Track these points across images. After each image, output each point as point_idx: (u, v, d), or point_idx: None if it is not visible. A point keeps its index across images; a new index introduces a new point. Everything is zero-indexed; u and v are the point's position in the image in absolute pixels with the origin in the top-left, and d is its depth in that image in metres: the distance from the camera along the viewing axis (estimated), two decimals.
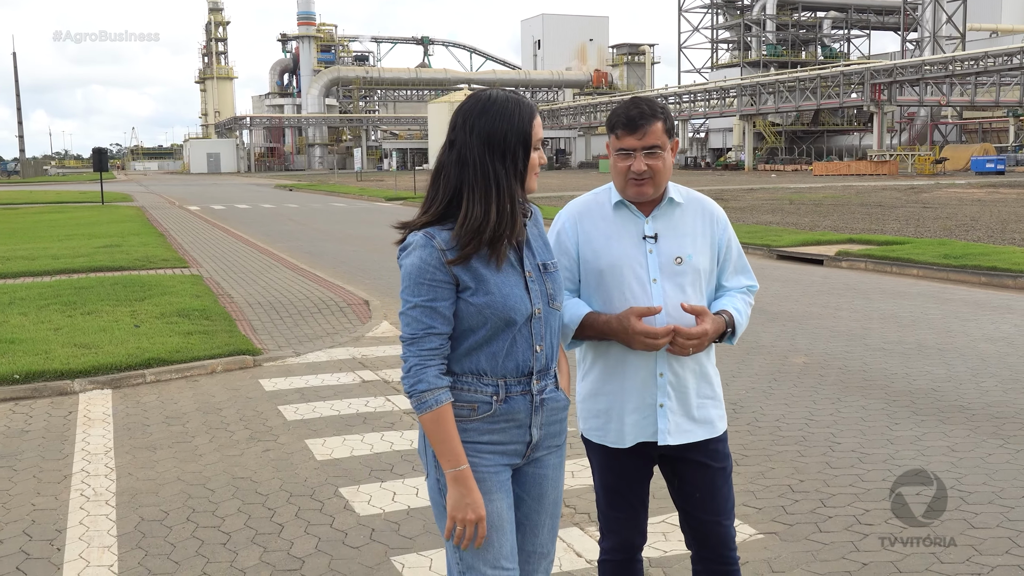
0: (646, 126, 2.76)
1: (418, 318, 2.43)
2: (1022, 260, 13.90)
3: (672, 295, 2.81)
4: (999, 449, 5.75)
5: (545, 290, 2.54)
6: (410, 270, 2.43)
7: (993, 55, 63.52)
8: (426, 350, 2.42)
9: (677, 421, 2.84)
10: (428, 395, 2.41)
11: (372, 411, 6.96)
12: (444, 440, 2.42)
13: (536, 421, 2.55)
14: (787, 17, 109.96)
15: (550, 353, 2.57)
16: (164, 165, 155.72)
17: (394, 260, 2.26)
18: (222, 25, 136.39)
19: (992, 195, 34.15)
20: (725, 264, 2.96)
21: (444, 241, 2.42)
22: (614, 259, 2.83)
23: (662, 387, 2.83)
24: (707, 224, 2.90)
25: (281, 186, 61.22)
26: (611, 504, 2.97)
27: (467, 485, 2.42)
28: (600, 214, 2.89)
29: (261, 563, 4.36)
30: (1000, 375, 7.69)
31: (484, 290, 2.43)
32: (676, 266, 2.83)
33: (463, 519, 2.43)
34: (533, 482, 2.62)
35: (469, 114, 2.47)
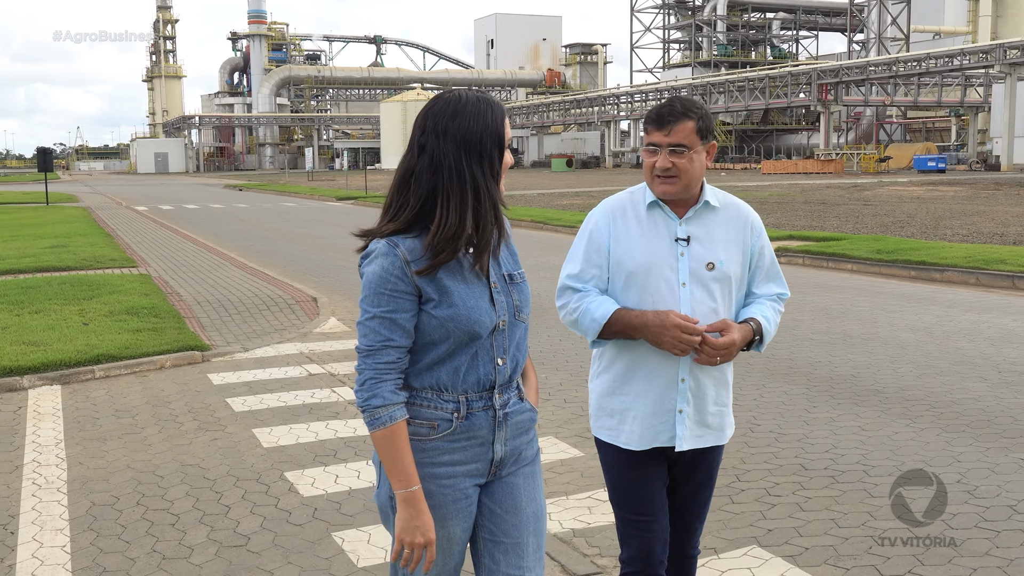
0: (674, 123, 2.73)
1: (376, 329, 2.32)
2: (949, 255, 14.49)
3: (701, 300, 2.77)
4: (905, 428, 6.17)
5: (511, 302, 2.44)
6: (371, 279, 2.33)
7: (935, 56, 65.05)
8: (383, 363, 2.32)
9: (692, 427, 2.82)
10: (382, 411, 2.30)
11: (318, 402, 7.21)
12: (396, 460, 2.31)
13: (500, 437, 2.44)
14: (737, 18, 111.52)
15: (514, 366, 2.47)
16: (110, 165, 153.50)
17: (343, 257, 2.45)
18: (170, 23, 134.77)
19: (931, 192, 35.11)
20: (757, 271, 2.91)
21: (408, 250, 2.31)
22: (645, 260, 2.78)
23: (682, 393, 2.79)
24: (741, 230, 2.86)
25: (231, 186, 60.83)
26: (623, 504, 2.89)
27: (417, 507, 2.32)
28: (634, 213, 2.84)
29: (208, 540, 4.61)
30: (916, 361, 8.14)
31: (448, 302, 2.32)
32: (707, 271, 2.78)
33: (411, 543, 2.32)
34: (505, 493, 2.50)
35: (440, 116, 2.35)
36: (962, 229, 19.76)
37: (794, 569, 4.11)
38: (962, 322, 10.00)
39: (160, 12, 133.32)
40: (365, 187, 44.60)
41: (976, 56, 62.09)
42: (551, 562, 4.25)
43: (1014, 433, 6.01)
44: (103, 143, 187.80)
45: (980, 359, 8.19)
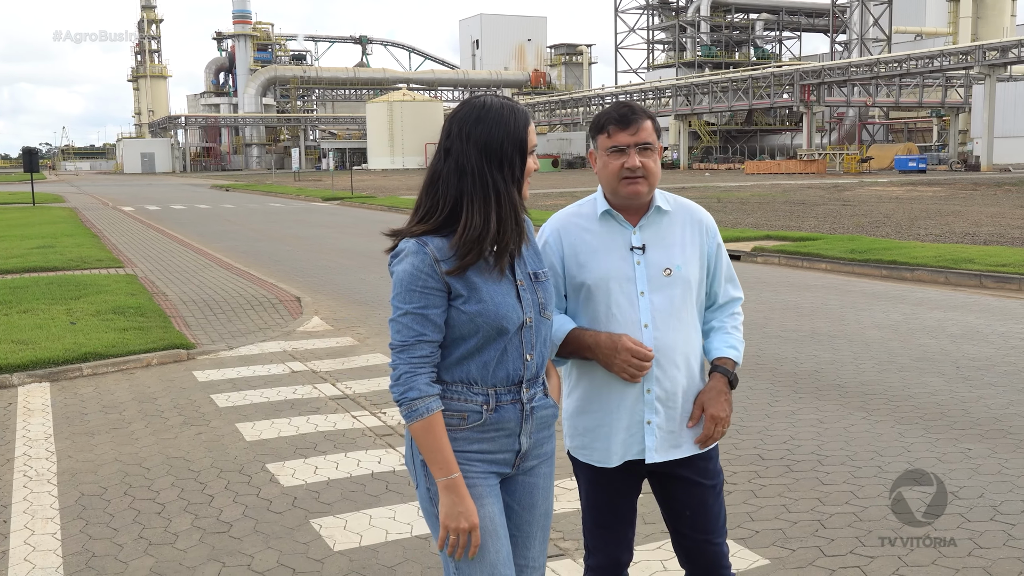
0: (639, 122, 2.73)
1: (409, 325, 2.40)
2: (920, 254, 14.83)
3: (661, 308, 2.75)
4: (861, 421, 6.46)
5: (536, 299, 2.52)
6: (402, 276, 2.40)
7: (915, 57, 65.64)
8: (416, 357, 2.40)
9: (664, 438, 2.78)
10: (419, 403, 2.38)
11: (300, 398, 7.45)
12: (435, 449, 2.40)
13: (526, 430, 2.53)
14: (721, 19, 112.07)
15: (540, 361, 2.55)
16: (96, 165, 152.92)
17: (328, 258, 2.61)
18: (155, 23, 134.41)
19: (910, 193, 35.55)
20: (715, 273, 2.89)
21: (437, 248, 2.39)
22: (601, 272, 2.75)
23: (649, 403, 2.76)
24: (696, 233, 2.84)
25: (217, 186, 60.88)
26: (598, 522, 2.91)
27: (459, 493, 2.39)
28: (585, 226, 2.81)
29: (193, 527, 4.85)
30: (879, 358, 8.43)
31: (476, 298, 2.40)
32: (665, 278, 2.76)
33: (456, 528, 2.39)
34: (524, 491, 2.59)
35: (464, 122, 2.44)
36: (936, 229, 20.14)
37: (744, 550, 4.38)
38: (927, 320, 10.32)
39: (144, 12, 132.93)
40: (351, 188, 44.77)
41: (956, 57, 62.71)
42: None
43: (964, 425, 6.30)
44: (89, 143, 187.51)
45: (940, 355, 8.49)
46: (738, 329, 2.92)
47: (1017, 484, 5.14)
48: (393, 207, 32.88)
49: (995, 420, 6.39)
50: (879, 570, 4.14)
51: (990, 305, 11.30)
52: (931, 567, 4.15)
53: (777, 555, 4.29)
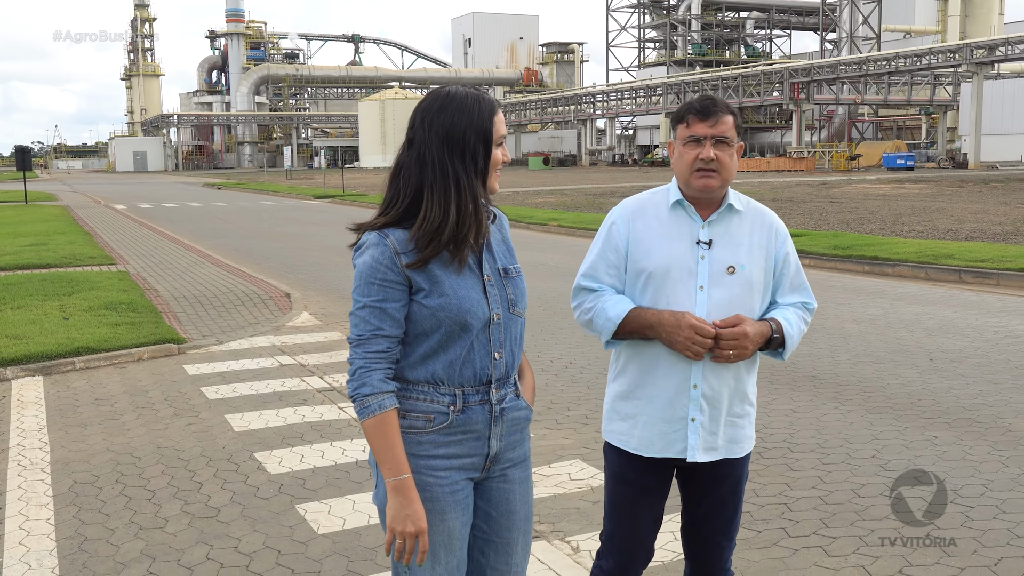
0: (719, 114, 2.69)
1: (366, 319, 2.35)
2: (902, 250, 15.04)
3: (718, 304, 2.68)
4: (833, 411, 6.65)
5: (505, 295, 2.46)
6: (362, 269, 2.36)
7: (904, 55, 66.06)
8: (372, 352, 2.34)
9: (706, 438, 2.73)
10: (371, 399, 2.32)
11: (288, 390, 7.61)
12: (386, 447, 2.33)
13: (495, 432, 2.46)
14: (711, 17, 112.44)
15: (510, 360, 2.48)
16: (89, 164, 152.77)
17: (318, 255, 2.71)
18: (148, 21, 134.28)
19: (897, 190, 35.82)
20: (781, 280, 2.81)
21: (398, 241, 2.35)
22: (663, 261, 2.71)
23: (695, 399, 2.70)
24: (765, 236, 2.78)
25: (210, 185, 60.94)
26: (616, 522, 2.87)
27: (408, 496, 2.32)
28: (655, 214, 2.77)
29: (182, 513, 5.01)
30: (855, 351, 8.63)
31: (438, 292, 2.34)
32: (727, 275, 2.70)
33: (403, 531, 2.32)
34: (500, 498, 2.53)
35: (427, 111, 2.40)
36: (919, 226, 20.37)
37: None
38: (905, 314, 10.52)
39: (138, 10, 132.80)
40: (342, 186, 44.89)
41: (944, 55, 63.13)
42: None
43: (933, 414, 6.50)
44: (81, 141, 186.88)
45: (916, 348, 8.69)
46: (799, 317, 2.79)
47: (979, 469, 5.33)
48: None
49: (963, 410, 6.59)
50: (840, 549, 4.32)
51: (968, 299, 11.51)
52: (891, 547, 4.34)
53: (744, 536, 4.46)
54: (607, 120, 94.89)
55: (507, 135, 2.59)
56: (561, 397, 7.19)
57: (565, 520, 4.76)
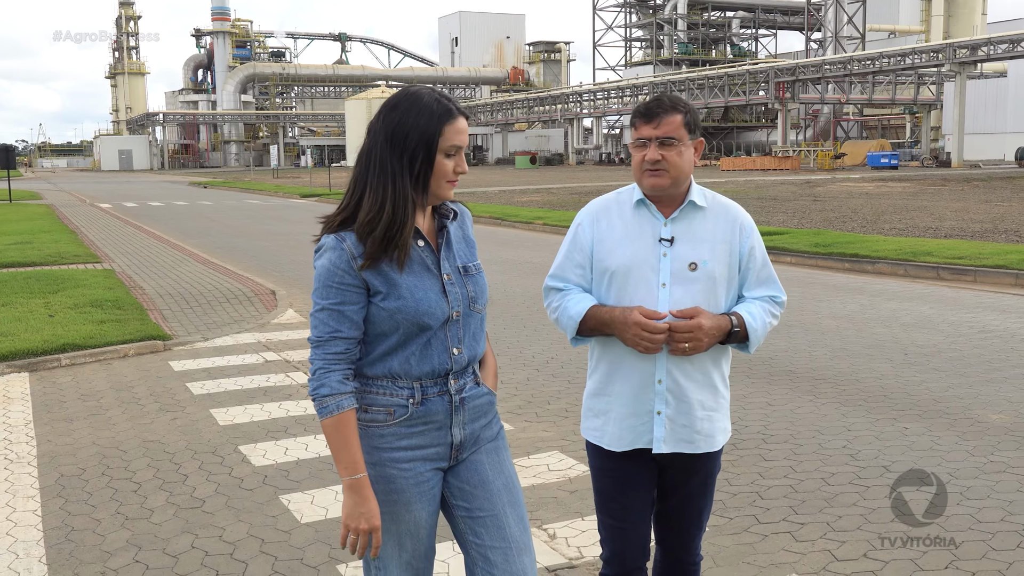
0: (663, 116, 2.73)
1: (325, 321, 2.40)
2: (882, 248, 15.23)
3: (681, 301, 2.71)
4: (808, 403, 6.79)
5: (466, 293, 2.49)
6: (320, 272, 2.40)
7: (888, 55, 66.45)
8: (331, 354, 2.39)
9: (675, 430, 2.77)
10: (329, 400, 2.38)
11: (272, 385, 7.71)
12: (343, 447, 2.39)
13: (457, 421, 2.50)
14: (698, 16, 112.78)
15: (471, 355, 2.53)
16: (73, 162, 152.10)
17: (304, 253, 2.77)
18: (133, 19, 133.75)
19: (880, 188, 36.08)
20: (747, 274, 2.83)
21: (354, 244, 2.38)
22: (626, 259, 2.76)
23: (660, 394, 2.75)
24: (729, 230, 2.80)
25: (196, 183, 60.82)
26: (605, 510, 2.91)
27: (362, 494, 2.39)
28: (619, 213, 2.83)
29: (167, 504, 5.11)
30: (832, 346, 8.78)
31: (395, 295, 2.38)
32: (689, 272, 2.73)
33: (356, 528, 2.40)
34: (471, 471, 2.56)
35: (385, 107, 2.45)
36: (900, 224, 20.57)
37: None
38: (883, 310, 10.68)
39: (123, 8, 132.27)
40: (329, 184, 44.89)
41: (927, 55, 63.51)
42: None
43: (905, 406, 6.65)
44: (66, 140, 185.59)
45: (891, 343, 8.85)
46: (765, 310, 2.81)
47: (946, 459, 5.48)
48: None
49: (934, 402, 6.74)
50: (808, 535, 4.46)
51: (945, 296, 11.69)
52: (857, 532, 4.48)
53: (715, 523, 4.59)
54: (594, 119, 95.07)
55: (493, 134, 2.57)
56: (542, 391, 7.31)
57: (543, 509, 4.87)
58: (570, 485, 5.20)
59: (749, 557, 4.22)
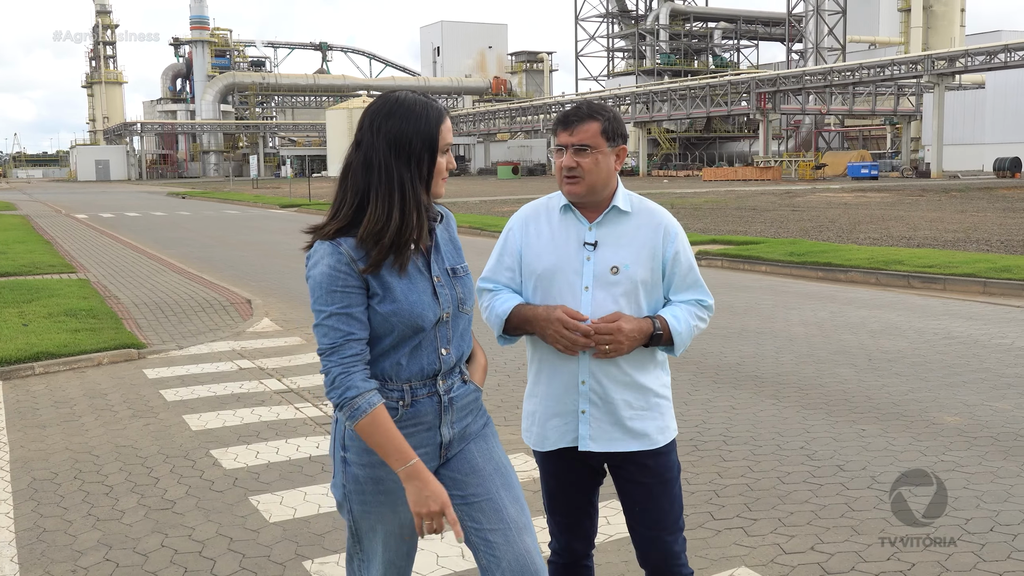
0: (578, 124, 2.78)
1: (335, 326, 2.38)
2: (854, 257, 15.45)
3: (603, 305, 2.77)
4: (770, 407, 6.94)
5: (455, 294, 2.52)
6: (320, 280, 2.38)
7: (867, 66, 67.13)
8: (348, 357, 2.38)
9: (603, 428, 2.81)
10: (360, 400, 2.36)
11: (245, 392, 7.80)
12: (387, 440, 2.38)
13: (446, 420, 2.53)
14: (680, 27, 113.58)
15: (458, 356, 2.56)
16: (49, 172, 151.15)
17: (282, 262, 2.84)
18: (110, 28, 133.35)
19: (858, 199, 36.46)
20: (672, 278, 2.87)
21: (351, 248, 2.39)
22: (551, 263, 2.83)
23: (584, 394, 2.80)
24: (652, 235, 2.84)
25: (174, 194, 60.70)
26: (549, 508, 3.00)
27: (422, 478, 2.38)
28: (547, 218, 2.90)
29: (138, 506, 5.20)
30: (799, 352, 8.94)
31: (390, 298, 2.40)
32: (611, 275, 2.78)
33: (428, 512, 2.39)
34: (460, 460, 2.59)
35: (376, 115, 2.44)
36: (875, 233, 20.84)
37: None
38: (852, 317, 10.87)
39: (100, 16, 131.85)
40: (308, 195, 44.94)
41: (906, 66, 64.21)
42: None
43: (864, 409, 6.81)
44: (42, 150, 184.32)
45: (857, 349, 9.02)
46: (691, 313, 2.86)
47: (899, 459, 5.64)
48: None
49: (893, 405, 6.90)
50: (759, 529, 4.60)
51: (914, 303, 11.90)
52: (806, 527, 4.62)
53: None
54: None
55: (475, 144, 2.67)
56: (512, 396, 7.43)
57: None
58: (533, 485, 5.31)
59: (702, 551, 4.35)
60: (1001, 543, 4.37)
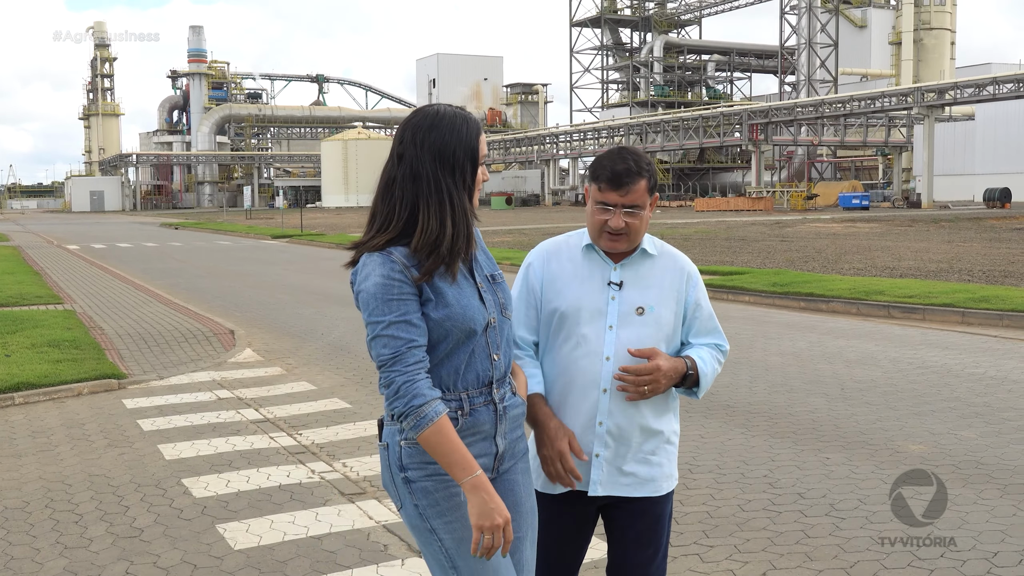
0: (631, 184, 2.72)
1: (396, 335, 2.37)
2: (836, 287, 15.57)
3: (627, 343, 2.75)
4: (739, 435, 7.02)
5: (497, 299, 2.56)
6: (374, 291, 2.39)
7: (858, 98, 67.78)
8: (411, 365, 2.36)
9: (612, 472, 2.77)
10: (427, 408, 2.34)
11: (222, 422, 7.86)
12: (452, 450, 2.36)
13: (500, 430, 2.53)
14: (673, 59, 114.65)
15: (507, 361, 2.58)
16: (44, 203, 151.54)
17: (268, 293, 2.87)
18: (108, 61, 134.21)
19: (848, 229, 36.68)
20: (692, 323, 2.87)
21: (403, 255, 2.42)
22: (574, 300, 2.79)
23: (600, 436, 2.75)
24: (677, 279, 2.84)
25: (167, 224, 60.88)
26: (540, 548, 2.78)
27: (487, 490, 2.35)
28: (569, 256, 2.86)
29: (106, 533, 5.26)
30: (773, 381, 9.03)
31: (443, 303, 2.42)
32: (636, 316, 2.77)
33: (492, 525, 2.34)
34: (507, 491, 2.57)
35: (419, 128, 2.48)
36: (859, 263, 20.99)
37: (601, 543, 4.88)
38: (829, 347, 10.97)
39: (98, 50, 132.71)
40: (301, 225, 45.11)
41: (896, 98, 64.87)
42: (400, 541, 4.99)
43: (831, 438, 6.89)
44: (37, 181, 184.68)
45: (831, 378, 9.12)
46: (713, 356, 2.87)
47: (860, 487, 5.72)
48: (340, 244, 33.26)
49: (860, 434, 6.99)
50: (714, 556, 4.68)
51: (892, 333, 12.00)
52: (761, 553, 4.70)
53: None
54: (570, 160, 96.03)
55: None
56: None
57: None
58: None
59: None
60: (950, 568, 4.45)
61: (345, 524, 5.33)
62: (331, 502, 5.73)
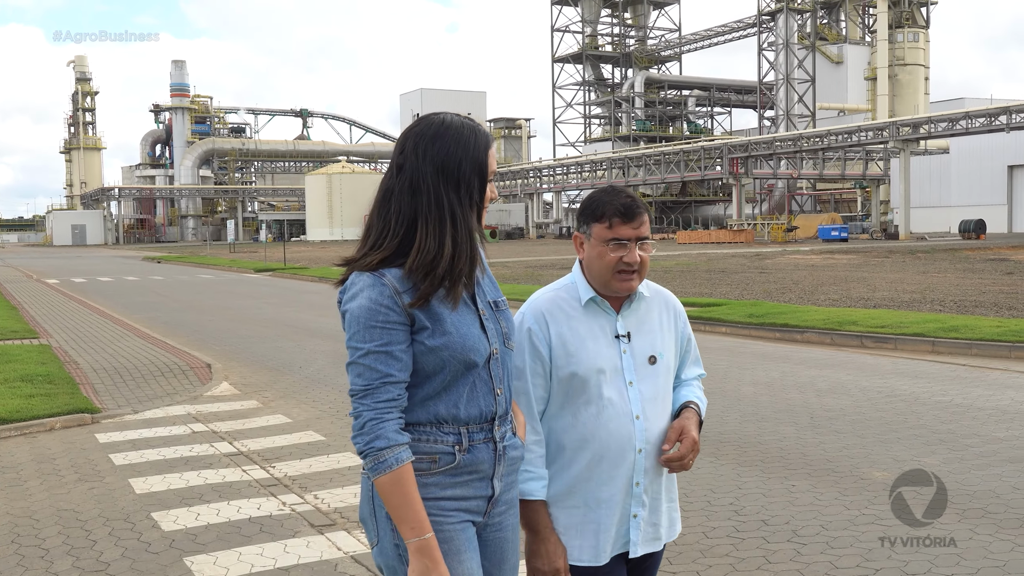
0: (642, 215, 2.64)
1: (372, 366, 2.18)
2: (810, 318, 15.72)
3: (649, 397, 2.66)
4: (708, 464, 7.08)
5: (500, 328, 2.37)
6: (358, 314, 2.20)
7: (835, 132, 68.67)
8: (382, 402, 2.18)
9: (647, 530, 2.71)
10: (387, 453, 2.16)
11: (195, 455, 7.86)
12: (406, 505, 2.17)
13: (498, 472, 2.35)
14: (655, 95, 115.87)
15: (509, 396, 2.40)
16: (25, 237, 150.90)
17: (247, 327, 2.86)
18: (90, 95, 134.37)
19: (826, 261, 36.99)
20: (685, 358, 2.85)
21: (396, 279, 2.22)
22: (591, 363, 2.63)
23: (637, 496, 2.66)
24: (671, 318, 2.79)
25: (149, 258, 60.73)
26: None
27: (433, 556, 2.16)
28: (570, 312, 2.67)
29: (72, 568, 5.26)
30: (744, 411, 9.11)
31: (441, 330, 2.22)
32: (650, 366, 2.68)
33: None
34: (494, 547, 2.41)
35: (421, 137, 2.28)
36: (835, 294, 21.18)
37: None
38: (802, 377, 11.07)
39: (79, 84, 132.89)
40: (284, 259, 45.12)
41: (872, 132, 65.70)
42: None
43: (798, 466, 6.97)
44: (18, 215, 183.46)
45: (801, 407, 9.21)
46: (701, 390, 2.87)
47: (822, 513, 5.79)
48: (323, 278, 33.30)
49: (826, 461, 7.07)
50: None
51: (865, 363, 12.12)
52: (729, 569, 4.76)
53: None
54: (554, 193, 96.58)
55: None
56: None
57: None
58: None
59: None
60: None
61: (313, 555, 5.35)
62: (300, 533, 5.75)
